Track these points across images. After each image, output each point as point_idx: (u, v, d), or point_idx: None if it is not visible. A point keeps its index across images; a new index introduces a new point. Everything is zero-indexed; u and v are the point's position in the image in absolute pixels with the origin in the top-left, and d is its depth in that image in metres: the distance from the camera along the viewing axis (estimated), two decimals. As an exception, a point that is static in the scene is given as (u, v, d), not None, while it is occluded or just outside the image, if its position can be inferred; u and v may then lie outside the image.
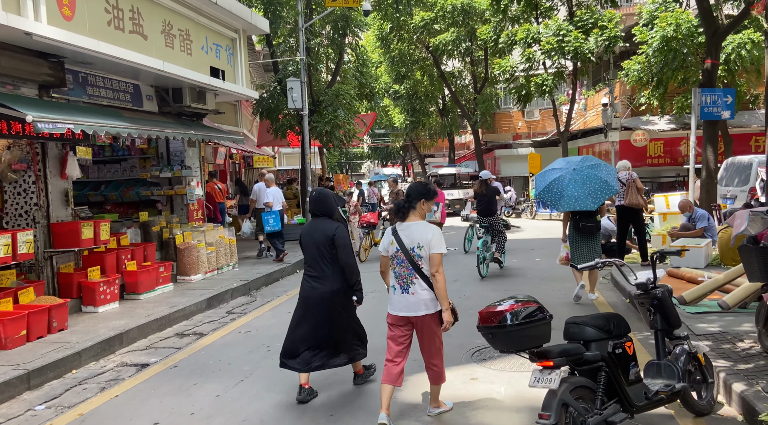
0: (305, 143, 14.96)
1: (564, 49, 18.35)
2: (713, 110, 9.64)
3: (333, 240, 4.40)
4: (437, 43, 22.95)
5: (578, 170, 7.11)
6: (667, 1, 16.93)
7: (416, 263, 3.86)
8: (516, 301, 3.18)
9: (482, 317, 3.19)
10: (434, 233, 3.88)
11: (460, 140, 35.92)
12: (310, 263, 4.51)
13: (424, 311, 3.86)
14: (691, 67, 16.46)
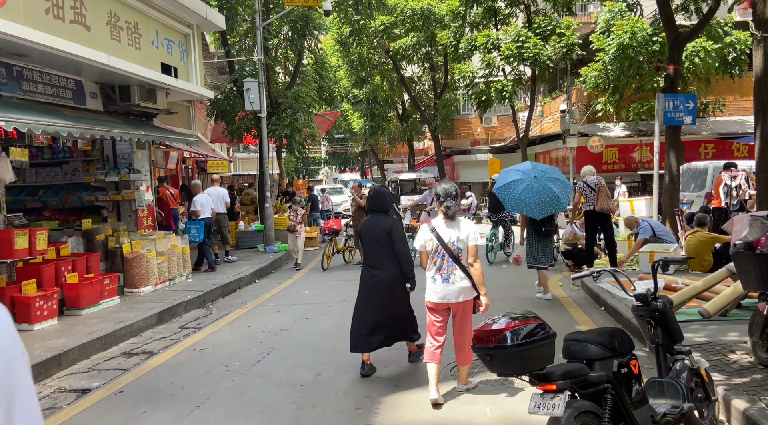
0: (263, 146, 14.39)
1: (523, 55, 18.46)
2: (676, 116, 9.71)
3: (390, 234, 4.86)
4: (397, 48, 22.75)
5: (538, 179, 7.42)
6: (622, 10, 17.25)
7: (455, 256, 4.29)
8: (513, 318, 2.84)
9: (478, 336, 2.83)
10: (471, 228, 4.38)
11: (419, 145, 35.86)
12: (370, 254, 4.98)
13: (462, 298, 4.32)
14: (646, 75, 16.82)
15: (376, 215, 5.01)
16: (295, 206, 11.86)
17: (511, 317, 2.87)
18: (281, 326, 7.00)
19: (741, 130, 19.31)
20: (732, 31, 16.24)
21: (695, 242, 8.14)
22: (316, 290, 9.23)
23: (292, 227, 11.57)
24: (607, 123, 19.22)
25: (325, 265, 11.35)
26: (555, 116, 23.22)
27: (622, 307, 6.25)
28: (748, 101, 19.99)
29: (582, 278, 3.62)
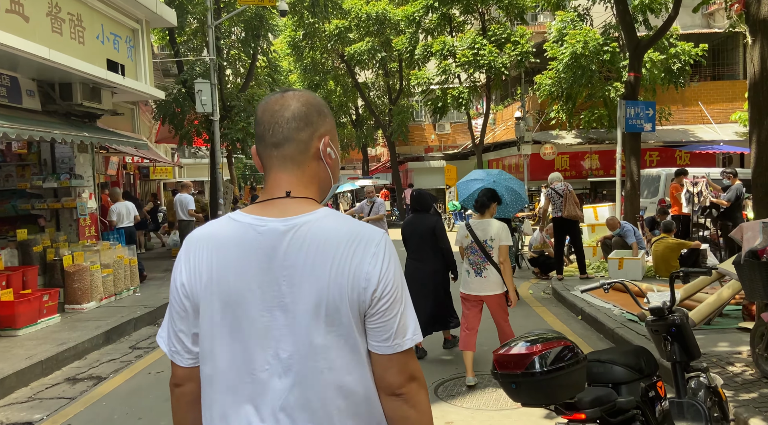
0: (216, 150, 13.71)
1: (479, 62, 18.55)
2: (636, 123, 9.84)
3: (434, 231, 5.39)
4: (352, 53, 22.43)
5: (497, 182, 7.82)
6: (574, 20, 17.61)
7: (488, 253, 4.73)
8: (534, 341, 2.53)
9: (500, 361, 2.51)
10: (503, 229, 4.78)
11: (372, 152, 35.61)
12: (414, 250, 5.50)
13: (493, 292, 4.76)
14: (597, 84, 17.23)
15: (418, 214, 5.58)
16: None
17: (531, 339, 2.56)
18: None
19: (684, 138, 20.07)
20: (677, 42, 16.86)
21: (662, 248, 8.19)
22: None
23: None
24: (560, 131, 19.57)
25: None
26: (508, 124, 23.51)
27: (602, 317, 6.13)
28: (690, 111, 20.87)
29: (592, 290, 3.38)
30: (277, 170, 1.30)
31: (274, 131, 1.28)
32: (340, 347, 1.20)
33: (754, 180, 4.03)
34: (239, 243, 1.23)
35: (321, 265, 1.19)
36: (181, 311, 1.28)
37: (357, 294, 1.20)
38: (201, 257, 1.25)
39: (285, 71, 24.77)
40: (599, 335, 5.96)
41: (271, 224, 1.23)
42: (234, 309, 1.21)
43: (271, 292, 1.20)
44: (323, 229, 1.22)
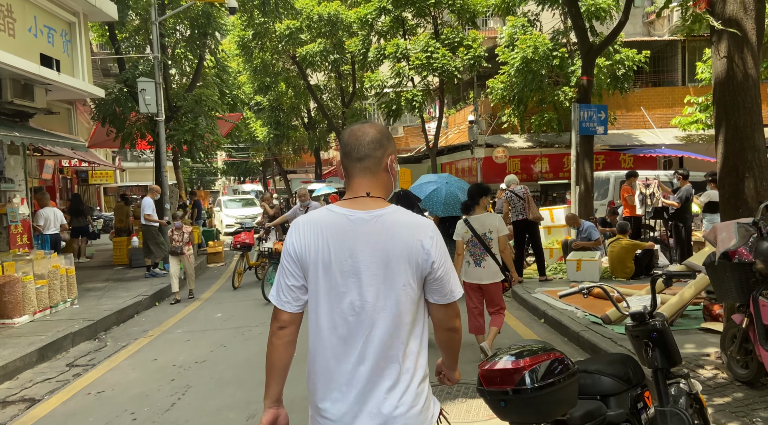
0: (161, 153, 13.05)
1: (432, 65, 18.55)
2: (590, 126, 9.97)
3: None
4: (304, 54, 22.03)
5: (450, 184, 8.41)
6: (524, 25, 17.88)
7: (487, 245, 5.16)
8: (523, 353, 2.33)
9: (486, 377, 2.30)
10: (499, 221, 5.31)
11: (325, 155, 35.21)
12: None
13: (490, 280, 5.24)
14: (547, 89, 17.54)
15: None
16: (179, 223, 9.50)
17: (516, 352, 2.36)
18: (195, 357, 6.07)
19: (628, 142, 20.70)
20: (621, 48, 17.37)
21: (618, 249, 8.27)
22: (231, 312, 8.30)
23: (178, 248, 9.21)
24: (512, 134, 19.82)
25: (237, 283, 10.37)
26: (461, 127, 23.66)
27: (565, 319, 6.07)
28: (633, 116, 21.57)
29: (570, 295, 3.23)
30: (358, 177, 1.83)
31: (358, 150, 1.81)
32: (405, 295, 1.75)
33: (721, 180, 4.01)
34: (336, 227, 1.78)
35: (394, 242, 1.74)
36: (291, 272, 1.83)
37: (420, 262, 1.75)
38: (308, 235, 1.79)
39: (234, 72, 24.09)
40: (563, 338, 5.89)
41: (358, 214, 1.78)
42: (332, 271, 1.77)
43: (358, 259, 1.75)
44: (395, 219, 1.78)
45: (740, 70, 3.88)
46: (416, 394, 1.78)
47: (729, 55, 3.91)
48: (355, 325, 1.76)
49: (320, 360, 1.84)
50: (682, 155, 19.74)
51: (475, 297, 5.37)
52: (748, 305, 3.51)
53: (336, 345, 1.81)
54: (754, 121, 3.87)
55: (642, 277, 8.34)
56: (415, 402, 1.77)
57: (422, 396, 1.80)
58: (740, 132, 3.88)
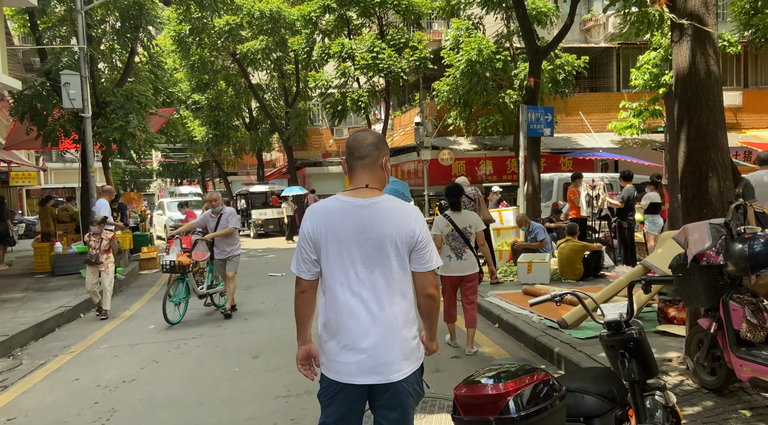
0: (87, 152, 12.10)
1: (378, 66, 18.31)
2: (537, 127, 9.97)
3: None
4: (245, 51, 21.28)
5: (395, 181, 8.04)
6: (469, 28, 17.95)
7: (467, 239, 5.52)
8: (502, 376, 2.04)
9: (465, 403, 1.99)
10: (477, 218, 5.68)
11: (267, 157, 34.29)
12: None
13: (470, 271, 5.57)
14: (491, 91, 17.66)
15: None
16: (95, 228, 8.24)
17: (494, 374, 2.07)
18: (123, 376, 5.48)
19: (568, 146, 21.21)
20: (562, 54, 17.72)
21: (567, 250, 8.24)
22: (164, 323, 7.66)
23: (94, 257, 8.09)
24: (458, 137, 19.86)
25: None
26: (406, 129, 23.54)
27: (521, 324, 5.89)
28: (572, 120, 22.12)
29: (542, 303, 2.98)
30: (359, 172, 2.32)
31: (360, 150, 2.32)
32: (398, 265, 2.26)
33: (684, 180, 3.89)
34: (341, 211, 2.27)
35: (387, 224, 2.24)
36: (307, 249, 2.32)
37: (408, 238, 2.25)
38: (319, 219, 2.29)
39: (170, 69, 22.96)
40: (519, 343, 5.71)
41: (359, 201, 2.26)
42: (340, 245, 2.26)
43: (359, 236, 2.25)
44: (388, 206, 2.27)
45: (703, 67, 3.78)
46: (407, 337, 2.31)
47: (691, 51, 3.80)
48: (357, 285, 2.26)
49: (331, 313, 2.33)
50: (618, 158, 20.41)
51: (451, 290, 5.68)
52: (716, 310, 3.39)
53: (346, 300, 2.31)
54: (717, 119, 3.77)
55: (590, 278, 8.35)
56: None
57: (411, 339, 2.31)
58: (703, 130, 3.78)
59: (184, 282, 7.73)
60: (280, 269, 12.32)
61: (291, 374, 5.23)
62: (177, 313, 7.59)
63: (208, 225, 7.78)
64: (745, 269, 3.13)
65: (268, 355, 5.90)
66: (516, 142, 19.06)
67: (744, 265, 3.11)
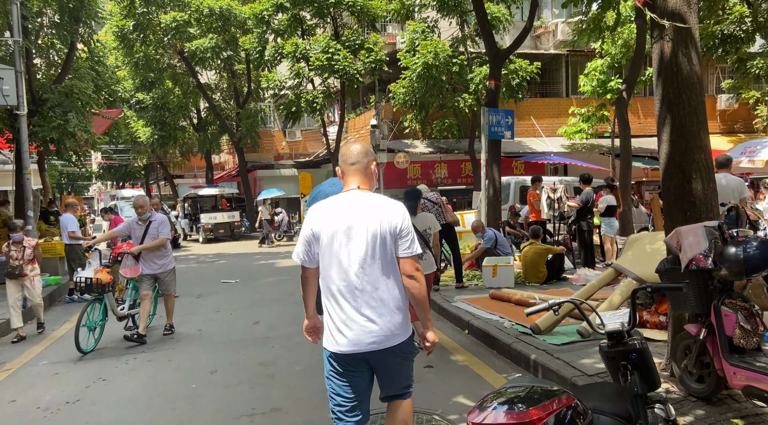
0: (23, 152, 11.21)
1: (334, 67, 18.02)
2: (498, 130, 9.93)
3: None
4: (193, 49, 20.50)
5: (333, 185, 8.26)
6: (425, 31, 17.91)
7: (427, 240, 5.74)
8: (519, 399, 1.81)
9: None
10: (434, 219, 6.05)
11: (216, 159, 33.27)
12: None
13: (429, 271, 5.65)
14: (447, 94, 17.68)
15: None
16: (18, 235, 7.21)
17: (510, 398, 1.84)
18: (66, 396, 4.97)
19: (521, 150, 21.52)
20: (516, 59, 17.95)
21: (531, 253, 8.20)
22: (111, 334, 7.10)
23: (17, 269, 7.12)
24: (414, 140, 19.78)
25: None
26: (361, 132, 23.31)
27: (493, 330, 5.73)
28: (524, 124, 22.45)
29: (538, 312, 2.79)
30: (352, 176, 2.74)
31: (351, 157, 2.75)
32: (384, 255, 2.61)
33: (665, 182, 3.81)
34: (337, 210, 2.64)
35: (375, 217, 2.61)
36: (310, 242, 2.69)
37: (393, 230, 2.61)
38: (318, 215, 2.68)
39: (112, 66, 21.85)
40: (492, 351, 5.55)
41: (351, 199, 2.66)
42: (333, 238, 2.63)
43: (352, 228, 2.61)
44: (376, 203, 2.64)
45: (685, 67, 3.72)
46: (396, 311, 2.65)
47: (673, 50, 3.73)
48: (347, 272, 2.60)
49: (330, 295, 2.67)
50: (568, 162, 20.86)
51: None
52: (706, 315, 3.30)
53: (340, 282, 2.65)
54: (699, 120, 3.72)
55: (554, 281, 8.33)
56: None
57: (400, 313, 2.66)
58: (686, 131, 3.72)
59: (102, 303, 6.58)
60: (233, 276, 11.81)
61: (254, 389, 4.89)
62: (92, 339, 6.42)
63: (134, 234, 6.72)
64: (739, 274, 3.06)
65: (227, 369, 5.51)
66: (471, 145, 19.21)
67: (738, 269, 3.04)
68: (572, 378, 4.20)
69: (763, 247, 3.04)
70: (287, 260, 14.67)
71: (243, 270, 12.84)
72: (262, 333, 6.86)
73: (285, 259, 14.88)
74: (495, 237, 8.96)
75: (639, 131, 20.61)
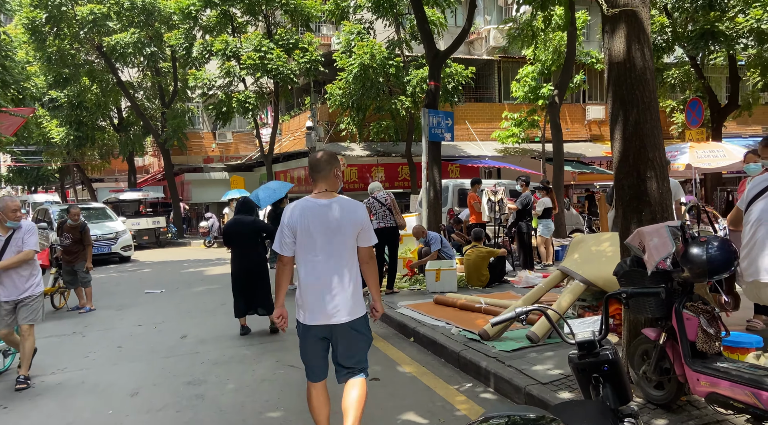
0: None
1: (267, 66, 17.40)
2: (438, 132, 9.80)
3: (255, 224, 6.74)
4: (113, 45, 19.23)
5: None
6: (360, 32, 17.68)
7: None
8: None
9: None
10: None
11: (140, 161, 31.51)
12: (240, 245, 6.64)
13: None
14: (384, 97, 17.50)
15: (241, 215, 6.70)
16: None
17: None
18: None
19: (456, 153, 21.70)
20: (452, 63, 18.05)
21: (474, 256, 8.07)
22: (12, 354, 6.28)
23: None
24: (350, 143, 19.46)
25: (59, 303, 8.28)
26: (296, 134, 22.72)
27: (440, 337, 5.48)
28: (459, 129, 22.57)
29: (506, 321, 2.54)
30: (320, 182, 3.26)
31: (318, 166, 3.26)
32: (349, 245, 3.22)
33: (619, 181, 3.70)
34: (311, 208, 3.18)
35: (342, 215, 3.17)
36: (288, 234, 3.20)
37: (357, 226, 3.22)
38: (296, 214, 3.18)
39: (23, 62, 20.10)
40: (440, 359, 5.30)
41: (321, 201, 3.19)
42: (309, 233, 3.16)
43: (323, 225, 3.16)
44: (342, 204, 3.21)
45: (639, 62, 3.61)
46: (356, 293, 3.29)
47: (627, 45, 3.62)
48: (319, 259, 3.20)
49: (306, 278, 3.26)
50: (502, 165, 21.24)
51: None
52: (666, 319, 3.18)
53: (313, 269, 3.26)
54: (653, 117, 3.62)
55: (496, 284, 8.24)
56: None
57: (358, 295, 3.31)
58: (640, 129, 3.61)
59: None
60: (158, 286, 11.01)
61: (181, 413, 4.38)
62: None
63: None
64: (702, 275, 2.95)
65: (151, 391, 4.94)
66: (408, 149, 19.12)
67: (701, 271, 2.92)
68: (527, 387, 4.00)
69: (724, 247, 2.94)
70: (218, 267, 13.93)
71: (169, 279, 12.04)
72: (191, 348, 6.29)
73: (216, 266, 14.13)
74: (441, 238, 8.81)
75: (566, 136, 21.25)
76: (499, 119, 21.07)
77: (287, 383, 4.90)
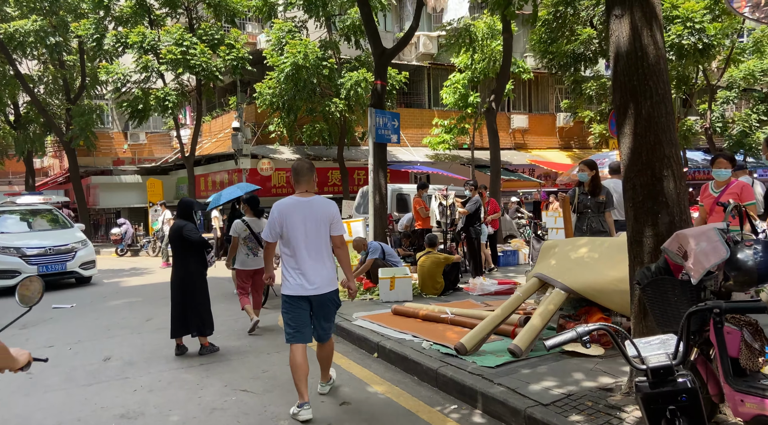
0: None
1: (189, 62, 16.22)
2: (385, 133, 9.35)
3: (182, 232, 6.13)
4: (11, 32, 17.24)
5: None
6: (292, 30, 16.97)
7: (260, 241, 6.70)
8: None
9: None
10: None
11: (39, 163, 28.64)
12: (174, 254, 6.21)
13: (261, 266, 6.83)
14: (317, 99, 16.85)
15: (180, 220, 6.11)
16: None
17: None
18: None
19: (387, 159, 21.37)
20: (387, 68, 17.72)
21: (429, 263, 7.67)
22: None
23: None
24: (280, 145, 18.59)
25: None
26: (218, 136, 21.47)
27: (411, 353, 4.97)
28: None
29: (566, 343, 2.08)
30: (302, 185, 4.19)
31: (302, 173, 4.19)
32: (324, 233, 4.17)
33: (630, 180, 3.39)
34: (296, 205, 4.13)
35: (319, 210, 4.13)
36: (276, 225, 4.12)
37: (329, 217, 4.17)
38: (284, 208, 4.12)
39: None
40: (413, 377, 4.78)
41: (303, 199, 4.15)
42: (294, 224, 4.10)
43: (305, 218, 4.10)
44: (319, 201, 4.18)
45: (652, 50, 3.33)
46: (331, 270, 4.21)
47: (638, 32, 3.33)
48: (302, 244, 4.07)
49: (289, 262, 4.15)
50: (433, 171, 21.19)
51: (246, 281, 6.85)
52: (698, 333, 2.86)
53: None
54: (668, 110, 3.35)
55: (450, 292, 7.88)
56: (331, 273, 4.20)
57: (333, 272, 4.22)
58: (654, 123, 3.32)
59: None
60: (67, 300, 9.72)
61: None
62: None
63: None
64: (749, 283, 2.66)
65: (72, 431, 4.07)
66: (341, 153, 18.54)
67: (748, 278, 2.63)
68: (527, 410, 3.58)
69: (770, 252, 2.67)
70: (135, 277, 12.66)
71: (78, 292, 10.72)
72: (119, 373, 5.37)
73: (132, 277, 12.83)
74: (381, 248, 8.31)
75: (494, 144, 21.59)
76: (429, 126, 21.01)
77: (243, 411, 4.20)
